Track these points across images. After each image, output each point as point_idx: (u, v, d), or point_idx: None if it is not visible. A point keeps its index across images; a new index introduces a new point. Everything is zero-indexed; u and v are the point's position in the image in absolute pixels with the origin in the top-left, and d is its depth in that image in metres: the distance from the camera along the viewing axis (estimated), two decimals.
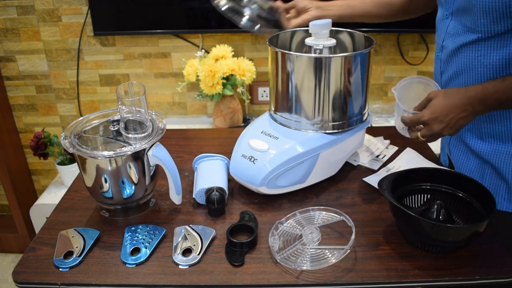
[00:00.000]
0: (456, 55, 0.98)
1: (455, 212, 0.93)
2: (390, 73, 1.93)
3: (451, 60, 0.99)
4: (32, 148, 1.73)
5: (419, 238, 0.85)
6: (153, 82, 1.97)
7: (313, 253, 0.84)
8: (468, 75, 0.96)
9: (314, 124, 1.03)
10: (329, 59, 0.96)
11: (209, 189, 0.97)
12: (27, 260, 0.86)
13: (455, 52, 0.97)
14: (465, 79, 0.97)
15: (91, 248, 0.89)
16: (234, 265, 0.84)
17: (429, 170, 0.98)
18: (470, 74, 0.96)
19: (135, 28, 1.82)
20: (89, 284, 0.81)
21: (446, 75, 1.02)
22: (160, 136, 0.94)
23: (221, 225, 0.95)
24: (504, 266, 0.82)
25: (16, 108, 2.05)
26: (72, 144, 0.91)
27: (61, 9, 1.83)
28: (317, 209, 0.95)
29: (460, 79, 0.98)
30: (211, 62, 1.69)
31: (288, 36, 1.17)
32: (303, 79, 0.99)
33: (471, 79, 0.96)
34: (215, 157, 1.09)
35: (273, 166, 0.97)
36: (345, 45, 1.16)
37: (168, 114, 2.04)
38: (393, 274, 0.81)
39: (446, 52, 1.01)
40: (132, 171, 0.92)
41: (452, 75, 1.00)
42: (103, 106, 2.03)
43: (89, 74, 1.96)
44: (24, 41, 1.90)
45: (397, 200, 0.87)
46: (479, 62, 0.93)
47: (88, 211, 1.01)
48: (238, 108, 1.84)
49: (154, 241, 0.89)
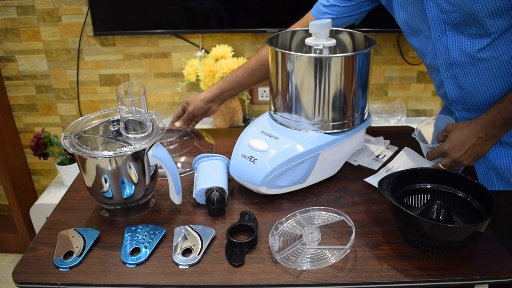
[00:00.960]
0: (472, 64, 0.97)
1: (455, 212, 0.93)
2: (390, 73, 1.93)
3: (469, 70, 0.98)
4: (32, 148, 1.73)
5: (419, 238, 0.85)
6: (153, 82, 1.97)
7: (313, 253, 0.84)
8: (492, 76, 0.96)
9: (314, 124, 1.03)
10: (329, 59, 0.96)
11: (209, 189, 0.97)
12: (27, 260, 0.86)
13: (471, 61, 0.97)
14: (490, 80, 0.97)
15: (91, 248, 0.89)
16: (234, 265, 0.84)
17: (429, 170, 0.98)
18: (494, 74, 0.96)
19: (135, 28, 1.82)
20: (89, 284, 0.81)
21: (471, 87, 1.01)
22: (160, 136, 0.94)
23: (221, 225, 0.95)
24: (504, 266, 0.82)
25: (16, 108, 2.05)
26: (72, 144, 0.91)
27: (61, 9, 1.83)
28: (317, 209, 0.95)
29: (485, 82, 0.98)
30: (211, 62, 1.69)
31: (288, 36, 1.17)
32: (303, 79, 0.99)
33: (496, 79, 0.96)
34: (215, 157, 1.09)
35: (273, 166, 0.97)
36: (345, 45, 1.16)
37: (168, 114, 2.04)
38: (393, 274, 0.81)
39: (459, 66, 0.99)
40: (132, 171, 0.92)
41: (477, 83, 0.99)
42: (103, 106, 2.03)
43: (89, 74, 1.96)
44: (24, 41, 1.90)
45: (397, 200, 0.87)
46: (501, 61, 0.94)
47: (88, 211, 1.01)
48: (238, 108, 1.84)
49: (154, 241, 0.89)
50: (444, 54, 1.01)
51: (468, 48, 0.96)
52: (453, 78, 1.03)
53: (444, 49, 1.00)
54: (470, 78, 1.00)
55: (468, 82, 1.00)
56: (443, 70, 1.03)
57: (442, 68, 1.03)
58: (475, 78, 0.99)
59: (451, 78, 1.03)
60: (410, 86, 1.96)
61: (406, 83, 1.95)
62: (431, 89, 1.95)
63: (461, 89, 1.03)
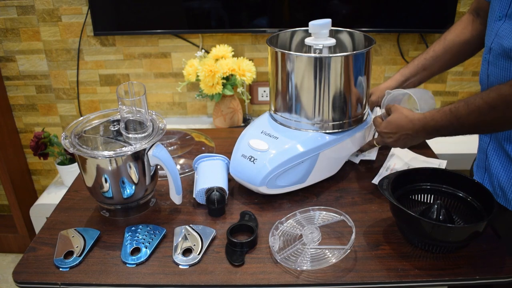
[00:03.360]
0: (506, 58, 0.93)
1: (455, 212, 0.93)
2: (390, 73, 1.93)
3: (500, 63, 0.95)
4: (32, 148, 1.73)
5: (419, 238, 0.85)
6: (153, 82, 1.97)
7: (313, 253, 0.84)
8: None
9: (314, 124, 1.03)
10: (328, 59, 0.96)
11: (209, 189, 0.97)
12: (27, 260, 0.86)
13: (505, 55, 0.93)
14: None
15: (91, 248, 0.89)
16: (234, 265, 0.84)
17: (429, 170, 0.98)
18: None
19: (135, 28, 1.82)
20: (89, 284, 0.81)
21: (494, 78, 0.98)
22: (160, 136, 0.94)
23: (221, 225, 0.95)
24: (504, 266, 0.83)
25: (16, 108, 2.05)
26: (72, 144, 0.91)
27: (61, 9, 1.83)
28: (317, 209, 0.95)
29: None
30: (211, 62, 1.69)
31: (288, 36, 1.17)
32: (303, 79, 0.99)
33: None
34: (215, 157, 1.09)
35: (273, 165, 0.97)
36: (345, 44, 1.16)
37: (168, 114, 2.04)
38: (393, 274, 0.81)
39: (494, 55, 0.96)
40: (132, 171, 0.92)
41: (501, 78, 0.96)
42: (103, 106, 2.03)
43: (89, 74, 1.96)
44: (24, 41, 1.90)
45: (397, 200, 0.87)
46: None
47: (88, 211, 1.01)
48: (238, 108, 1.83)
49: (154, 241, 0.89)
50: (491, 37, 0.97)
51: (508, 43, 0.91)
52: (486, 63, 1.00)
53: (494, 31, 0.96)
54: (498, 70, 0.96)
55: (495, 72, 0.97)
56: (485, 52, 1.01)
57: (486, 49, 1.00)
58: (502, 72, 0.95)
59: (485, 62, 1.00)
60: None
61: None
62: (431, 89, 1.95)
63: (488, 76, 1.00)
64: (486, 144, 1.04)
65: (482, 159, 1.07)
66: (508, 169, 0.98)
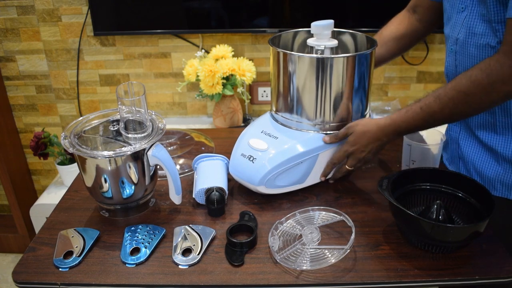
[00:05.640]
0: (473, 46, 0.94)
1: (455, 212, 0.93)
2: (390, 73, 1.93)
3: (468, 51, 0.96)
4: (32, 148, 1.73)
5: (419, 238, 0.85)
6: (153, 82, 1.97)
7: (313, 253, 0.84)
8: None
9: (316, 125, 1.03)
10: (331, 60, 0.96)
11: (209, 189, 0.97)
12: (27, 260, 0.86)
13: (472, 43, 0.94)
14: None
15: (91, 248, 0.89)
16: (234, 265, 0.84)
17: (429, 170, 0.98)
18: None
19: (135, 28, 1.82)
20: (89, 284, 0.81)
21: (462, 67, 0.99)
22: (160, 136, 0.94)
23: (221, 225, 0.95)
24: (504, 266, 0.82)
25: (16, 108, 2.05)
26: (72, 144, 0.91)
27: (61, 9, 1.83)
28: (317, 209, 0.95)
29: None
30: (211, 62, 1.69)
31: (290, 37, 1.17)
32: (304, 79, 0.99)
33: None
34: (215, 157, 1.09)
35: (272, 165, 0.97)
36: (347, 46, 1.16)
37: (168, 114, 2.04)
38: (393, 274, 0.81)
39: (461, 44, 0.97)
40: (132, 171, 0.92)
41: (469, 66, 0.96)
42: (103, 106, 2.03)
43: (89, 74, 1.96)
44: (24, 41, 1.90)
45: (397, 200, 0.87)
46: None
47: (88, 211, 1.01)
48: (238, 108, 1.83)
49: (154, 241, 0.89)
50: (457, 28, 0.98)
51: (475, 28, 0.93)
52: (453, 54, 1.01)
53: (459, 22, 0.97)
54: (466, 59, 0.97)
55: (464, 61, 0.98)
56: (451, 43, 1.01)
57: (451, 41, 1.01)
58: (470, 59, 0.96)
59: (452, 53, 1.01)
60: (410, 86, 1.96)
61: (406, 83, 1.95)
62: (431, 89, 1.95)
63: (455, 67, 1.01)
64: (457, 133, 1.07)
65: (454, 149, 1.09)
66: (482, 154, 1.00)
